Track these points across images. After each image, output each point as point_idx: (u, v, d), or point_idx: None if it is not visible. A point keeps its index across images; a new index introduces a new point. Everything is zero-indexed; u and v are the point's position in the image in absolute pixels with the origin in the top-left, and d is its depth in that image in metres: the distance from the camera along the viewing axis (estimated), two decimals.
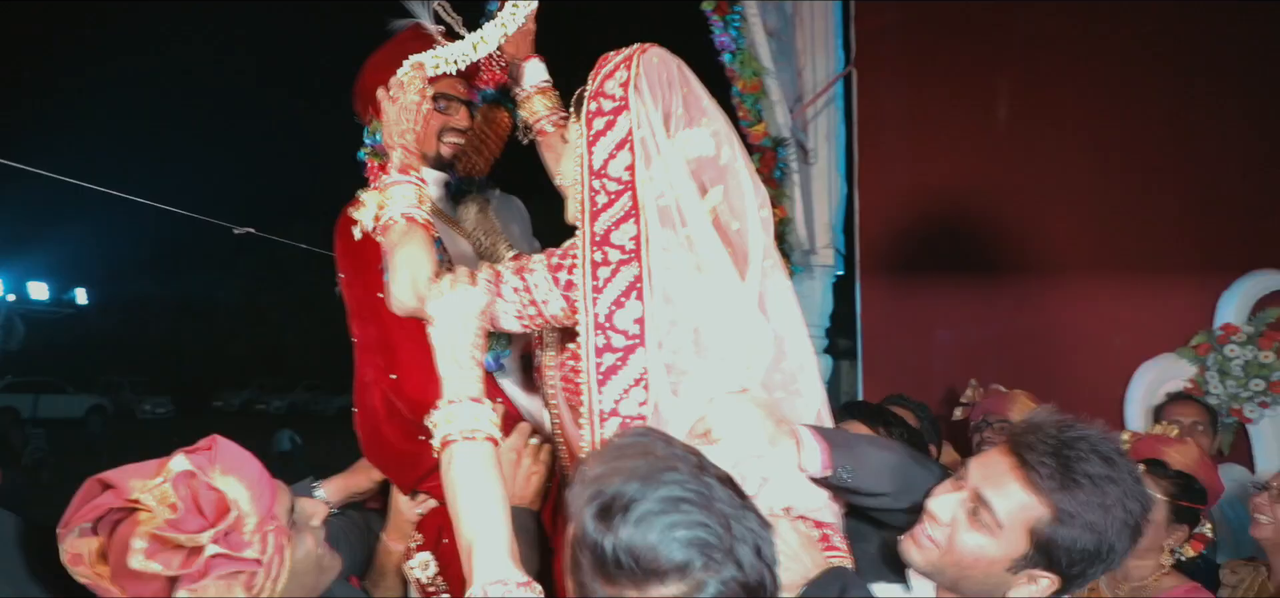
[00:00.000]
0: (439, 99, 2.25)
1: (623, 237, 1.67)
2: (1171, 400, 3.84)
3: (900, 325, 5.28)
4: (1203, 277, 4.32)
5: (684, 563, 1.08)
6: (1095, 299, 4.61)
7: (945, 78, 5.13)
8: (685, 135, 1.74)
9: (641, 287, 1.64)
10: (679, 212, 1.68)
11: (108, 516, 1.28)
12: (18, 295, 20.95)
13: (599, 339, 1.65)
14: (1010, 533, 1.48)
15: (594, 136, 1.73)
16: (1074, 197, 4.73)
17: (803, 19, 5.37)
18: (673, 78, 1.76)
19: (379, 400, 2.12)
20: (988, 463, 1.53)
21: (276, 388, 32.94)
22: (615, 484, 1.13)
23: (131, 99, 34.79)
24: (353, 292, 2.20)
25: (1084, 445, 1.46)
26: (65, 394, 24.16)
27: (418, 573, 2.08)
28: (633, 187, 1.68)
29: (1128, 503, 1.44)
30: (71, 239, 23.66)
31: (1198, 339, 4.19)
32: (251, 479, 1.33)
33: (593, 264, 1.67)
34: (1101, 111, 4.69)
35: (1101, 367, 4.47)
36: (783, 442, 1.64)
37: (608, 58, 1.80)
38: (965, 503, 1.52)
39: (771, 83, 4.72)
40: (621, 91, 1.73)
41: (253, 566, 1.28)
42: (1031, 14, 4.91)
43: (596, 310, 1.66)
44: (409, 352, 2.03)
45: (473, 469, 1.55)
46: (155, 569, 1.22)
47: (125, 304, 33.28)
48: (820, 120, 5.41)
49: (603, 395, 1.65)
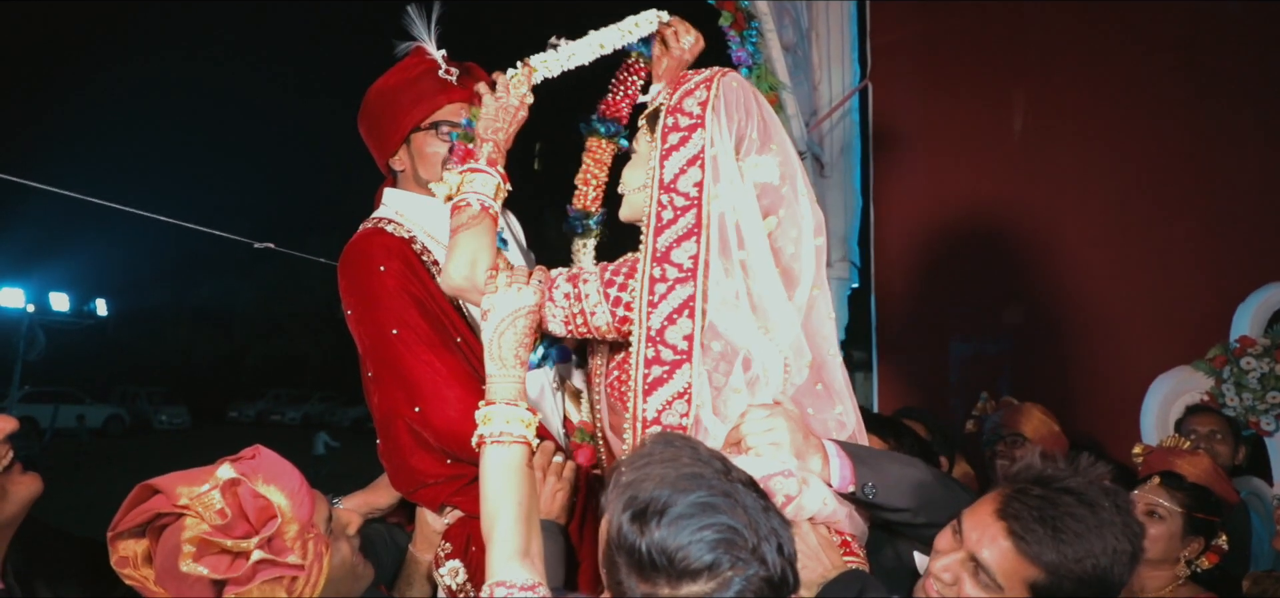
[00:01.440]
0: (443, 126, 2.25)
1: (682, 255, 1.73)
2: (1190, 412, 3.85)
3: (915, 337, 5.30)
4: (1219, 289, 4.32)
5: (713, 563, 1.15)
6: (1111, 312, 4.62)
7: (960, 92, 5.16)
8: (754, 160, 1.81)
9: (694, 306, 1.71)
10: (739, 231, 1.75)
11: (155, 520, 1.33)
12: (39, 306, 21.12)
13: (649, 351, 1.72)
14: (1010, 591, 1.52)
15: (667, 150, 1.79)
16: (1089, 210, 4.75)
17: (819, 34, 5.41)
18: (750, 105, 1.84)
19: (404, 433, 2.11)
20: (980, 525, 1.57)
21: (292, 399, 33.12)
22: (648, 489, 1.20)
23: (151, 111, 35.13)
24: (364, 328, 2.18)
25: (1068, 500, 1.50)
26: (83, 405, 24.39)
27: (448, 580, 2.12)
28: (699, 203, 1.74)
29: (1119, 544, 1.48)
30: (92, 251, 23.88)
31: (1214, 352, 4.18)
32: (293, 489, 1.38)
33: (651, 279, 1.74)
34: (1117, 125, 4.71)
35: (1117, 380, 4.48)
36: (811, 456, 1.70)
37: (687, 76, 1.88)
38: (966, 564, 1.57)
39: (788, 97, 4.75)
40: (700, 110, 1.79)
41: (296, 571, 1.33)
42: (1046, 28, 4.94)
43: (650, 323, 1.73)
44: (431, 383, 2.05)
45: (498, 471, 1.62)
46: (203, 573, 1.26)
47: (143, 315, 33.51)
48: (836, 134, 5.44)
49: (647, 405, 1.72)
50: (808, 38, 5.29)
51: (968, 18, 5.17)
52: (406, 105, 2.28)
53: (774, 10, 4.54)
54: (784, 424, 1.66)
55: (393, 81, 2.32)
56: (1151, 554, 2.41)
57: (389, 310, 2.12)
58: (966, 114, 5.14)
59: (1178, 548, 2.42)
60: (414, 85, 2.29)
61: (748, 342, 1.73)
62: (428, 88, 2.28)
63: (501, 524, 1.57)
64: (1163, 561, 2.42)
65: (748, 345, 1.73)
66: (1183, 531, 2.42)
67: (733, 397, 1.73)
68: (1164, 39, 4.62)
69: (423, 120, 2.29)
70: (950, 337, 5.16)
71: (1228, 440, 3.60)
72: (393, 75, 2.33)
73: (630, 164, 1.99)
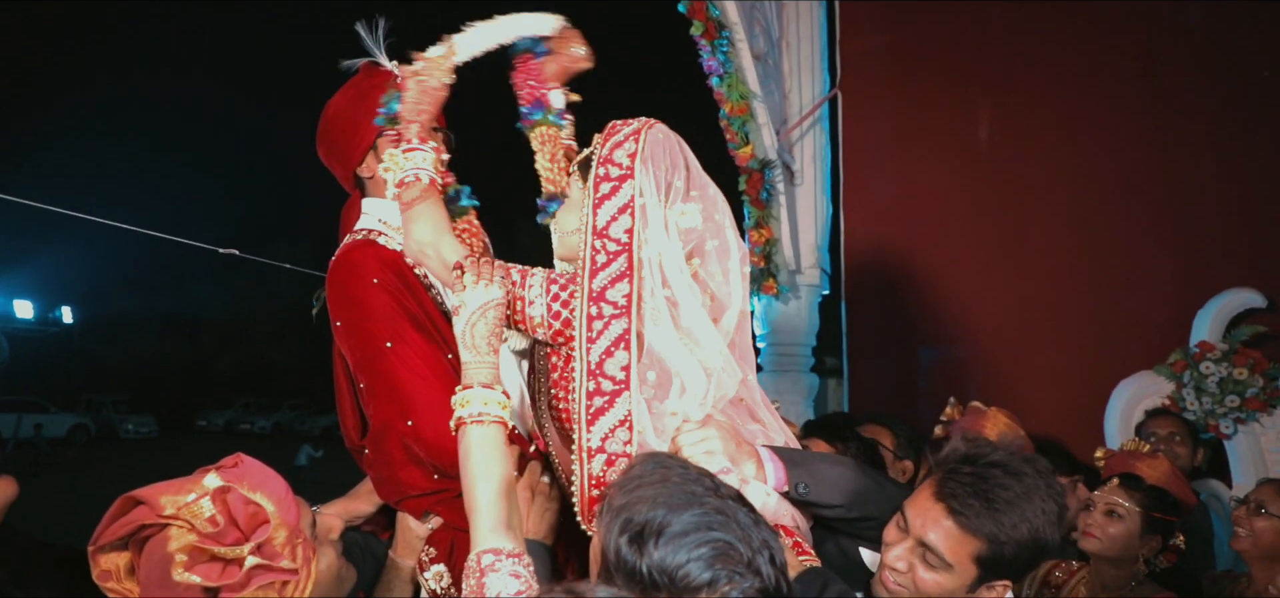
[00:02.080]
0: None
1: (617, 294, 1.84)
2: (1149, 416, 3.93)
3: (885, 343, 5.36)
4: (1179, 295, 4.41)
5: (712, 579, 1.18)
6: (1075, 318, 4.70)
7: (928, 100, 5.23)
8: (680, 207, 1.93)
9: (629, 339, 1.82)
10: (664, 272, 1.88)
11: (138, 532, 1.31)
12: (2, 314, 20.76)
13: (590, 384, 1.82)
14: (959, 566, 1.65)
15: (599, 199, 1.90)
16: (1054, 217, 4.83)
17: (789, 43, 5.47)
18: (675, 155, 1.96)
19: (396, 447, 2.11)
20: (921, 510, 1.69)
21: (262, 407, 32.73)
22: (643, 511, 1.23)
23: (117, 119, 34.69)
24: (356, 341, 2.17)
25: (996, 472, 1.64)
26: (48, 413, 23.98)
27: (433, 584, 2.13)
28: (630, 248, 1.86)
29: (1046, 505, 1.62)
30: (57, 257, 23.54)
31: (1174, 357, 4.27)
32: (279, 495, 1.38)
33: (589, 317, 1.84)
34: (1080, 133, 4.79)
35: (1081, 384, 4.55)
36: (745, 462, 1.82)
37: (616, 127, 1.98)
38: (914, 550, 1.69)
39: (758, 106, 4.80)
40: (629, 161, 1.91)
41: (289, 575, 1.33)
42: (1011, 39, 5.02)
43: (589, 358, 1.83)
44: (424, 397, 2.05)
45: (477, 449, 1.70)
46: (196, 581, 1.25)
47: (110, 323, 33.05)
48: (806, 142, 5.50)
49: (591, 433, 1.82)
50: (778, 47, 5.35)
51: (936, 28, 5.24)
52: (366, 114, 2.27)
53: (744, 19, 4.58)
54: (716, 434, 1.77)
55: (349, 96, 2.32)
56: (1111, 553, 2.49)
57: (383, 323, 2.11)
58: (935, 122, 5.21)
59: (1137, 547, 2.48)
60: (368, 97, 2.28)
61: (679, 365, 1.85)
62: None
63: (483, 498, 1.63)
64: (1122, 559, 2.49)
65: (679, 368, 1.85)
66: (1141, 530, 2.48)
67: (670, 419, 1.83)
68: (1126, 49, 4.72)
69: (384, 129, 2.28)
70: (919, 342, 5.22)
71: (1186, 443, 3.68)
72: (347, 92, 2.33)
73: (563, 207, 2.11)
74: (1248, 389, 4.04)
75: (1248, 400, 4.03)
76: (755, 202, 4.98)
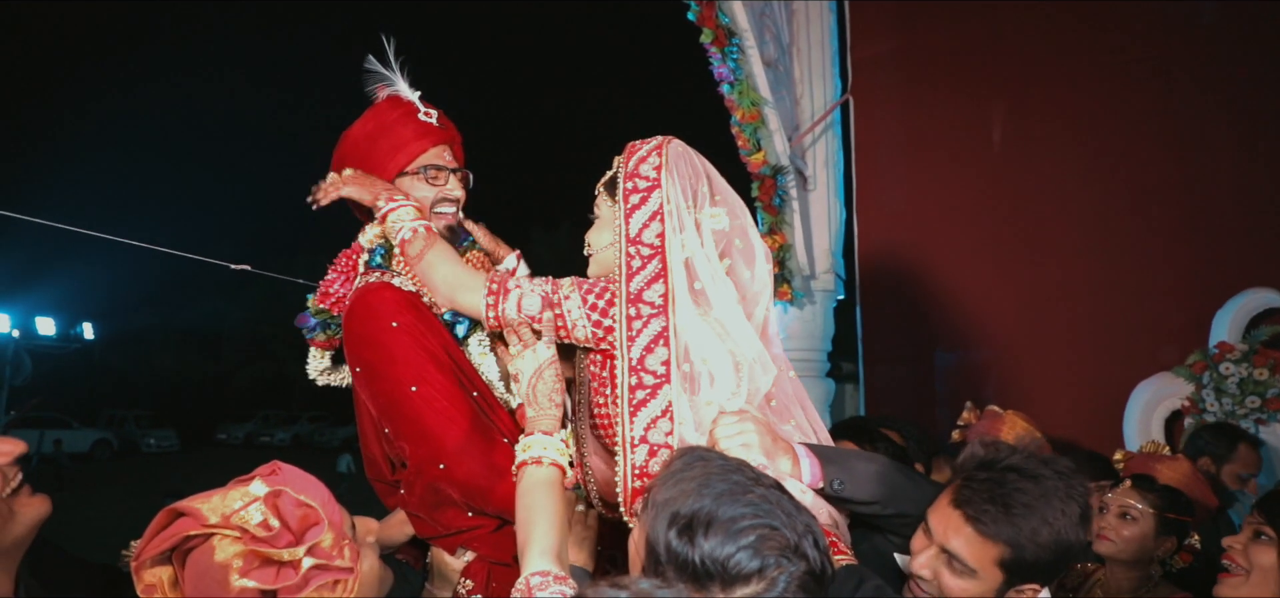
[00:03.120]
0: (428, 170, 2.29)
1: (654, 294, 1.96)
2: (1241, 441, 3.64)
3: (901, 348, 5.34)
4: (1198, 296, 4.38)
5: (761, 566, 1.22)
6: (1092, 320, 4.67)
7: (940, 104, 5.22)
8: (709, 211, 2.07)
9: (668, 335, 1.93)
10: (700, 270, 2.00)
11: (182, 544, 1.31)
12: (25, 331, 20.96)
13: (632, 379, 1.93)
14: (984, 573, 1.65)
15: (630, 209, 2.03)
16: (1069, 219, 4.80)
17: (800, 49, 5.46)
18: (696, 165, 2.09)
19: (429, 490, 2.11)
20: (942, 518, 1.71)
21: (281, 420, 32.92)
22: (689, 504, 1.27)
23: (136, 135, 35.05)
24: (379, 386, 2.15)
25: (1013, 477, 1.65)
26: (70, 429, 24.21)
27: None
28: (662, 252, 1.98)
29: (1067, 506, 1.62)
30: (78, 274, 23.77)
31: (1194, 358, 4.24)
32: (323, 499, 1.39)
33: (628, 318, 1.96)
34: (1095, 134, 4.77)
35: (1099, 386, 4.53)
36: (780, 457, 1.84)
37: (635, 147, 2.11)
38: (939, 558, 1.70)
39: (770, 112, 4.79)
40: (655, 173, 2.04)
41: (344, 574, 1.35)
42: (1024, 42, 5.00)
43: (630, 355, 1.94)
44: (454, 439, 2.06)
45: (533, 487, 1.78)
46: (252, 586, 1.26)
47: (130, 339, 33.34)
48: (818, 148, 5.49)
49: (634, 425, 1.91)
50: (789, 53, 5.35)
51: (947, 32, 5.23)
52: (388, 151, 2.28)
53: (755, 26, 4.58)
54: (753, 427, 1.81)
55: (369, 129, 2.31)
56: (1125, 556, 2.47)
57: (407, 367, 2.11)
58: (947, 126, 5.20)
59: (1152, 548, 2.47)
60: (392, 131, 2.29)
61: (713, 358, 1.94)
62: (410, 132, 2.30)
63: (538, 529, 1.69)
64: (1137, 561, 2.47)
65: (714, 361, 1.93)
66: (1155, 531, 2.47)
67: (705, 409, 1.91)
68: (1139, 50, 4.69)
69: (408, 165, 2.30)
70: (935, 347, 5.20)
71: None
72: (367, 123, 2.32)
73: (593, 228, 2.17)
74: (1268, 390, 4.01)
75: (1268, 401, 4.00)
76: (768, 208, 4.97)
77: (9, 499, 1.43)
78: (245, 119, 35.59)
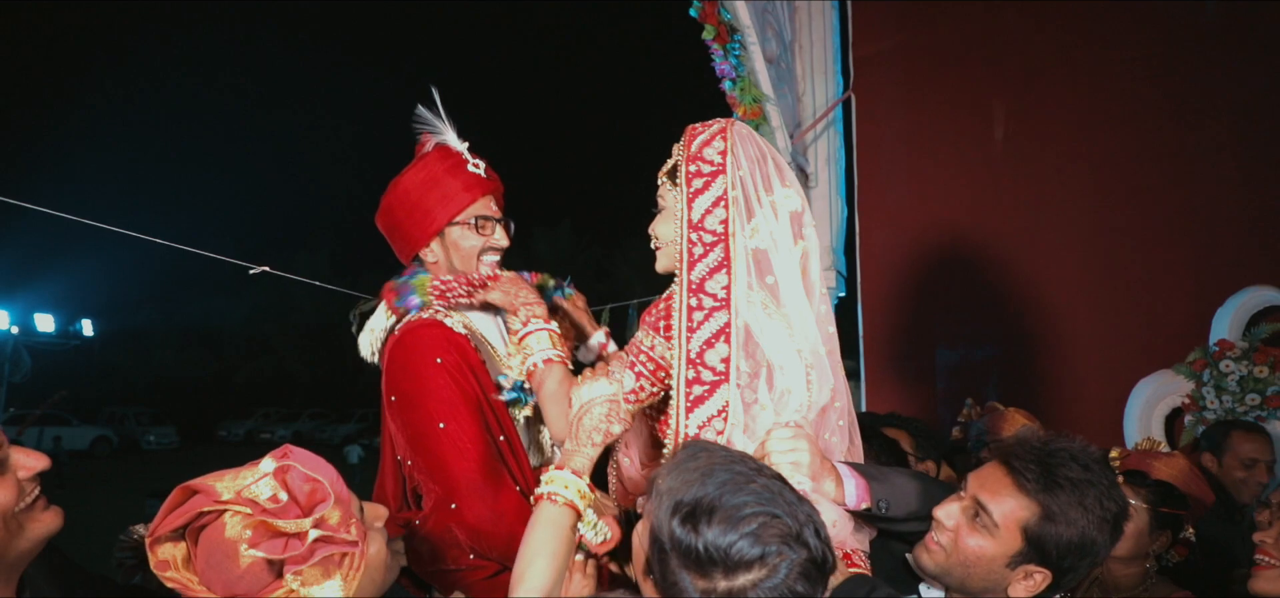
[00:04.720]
0: (478, 221, 2.33)
1: (716, 286, 1.89)
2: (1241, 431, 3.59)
3: (902, 345, 5.34)
4: (1197, 294, 4.39)
5: (762, 553, 1.26)
6: (1092, 317, 4.68)
7: (942, 102, 5.22)
8: (781, 192, 1.98)
9: (730, 331, 1.86)
10: (772, 259, 1.92)
11: (195, 521, 1.34)
12: (23, 327, 20.95)
13: (690, 373, 1.86)
14: (1006, 533, 1.68)
15: (693, 194, 1.96)
16: (1070, 216, 4.81)
17: (802, 46, 5.47)
18: (762, 147, 2.02)
19: (441, 527, 2.14)
20: (983, 474, 1.75)
21: (281, 417, 32.96)
22: (692, 492, 1.31)
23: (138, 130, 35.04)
24: (409, 417, 2.20)
25: (1064, 454, 1.68)
26: (70, 426, 24.21)
27: None
28: (726, 239, 1.90)
29: (1105, 502, 1.65)
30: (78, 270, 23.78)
31: (1194, 356, 4.24)
32: (332, 477, 1.41)
33: (688, 308, 1.89)
34: (1096, 132, 4.77)
35: (1100, 383, 4.53)
36: (825, 479, 1.81)
37: (696, 130, 2.04)
38: (966, 509, 1.73)
39: (772, 109, 4.79)
40: (719, 158, 1.97)
41: (350, 547, 1.36)
42: (1026, 40, 5.01)
43: (689, 348, 1.87)
44: (469, 482, 2.09)
45: (542, 523, 1.76)
46: (260, 556, 1.28)
47: (130, 335, 33.35)
48: (820, 145, 5.49)
49: (689, 421, 1.85)
50: (790, 50, 5.35)
51: (949, 29, 5.24)
52: (438, 202, 2.32)
53: (757, 23, 4.58)
54: (805, 446, 1.77)
55: (420, 179, 2.35)
56: (1120, 552, 2.47)
57: (440, 403, 2.16)
58: (949, 124, 5.20)
59: (1146, 544, 2.47)
60: (442, 183, 2.33)
61: (777, 354, 1.86)
62: (459, 184, 2.33)
63: (534, 567, 1.69)
64: (1132, 557, 2.47)
65: (777, 359, 1.86)
66: (1150, 526, 2.47)
67: (760, 414, 1.85)
68: (1141, 48, 4.70)
69: (457, 216, 2.33)
70: (936, 344, 5.20)
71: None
72: (418, 173, 2.36)
73: (659, 219, 2.11)
74: (1269, 387, 4.01)
75: (1269, 398, 4.01)
76: None
77: (22, 513, 1.43)
78: (244, 116, 35.57)
